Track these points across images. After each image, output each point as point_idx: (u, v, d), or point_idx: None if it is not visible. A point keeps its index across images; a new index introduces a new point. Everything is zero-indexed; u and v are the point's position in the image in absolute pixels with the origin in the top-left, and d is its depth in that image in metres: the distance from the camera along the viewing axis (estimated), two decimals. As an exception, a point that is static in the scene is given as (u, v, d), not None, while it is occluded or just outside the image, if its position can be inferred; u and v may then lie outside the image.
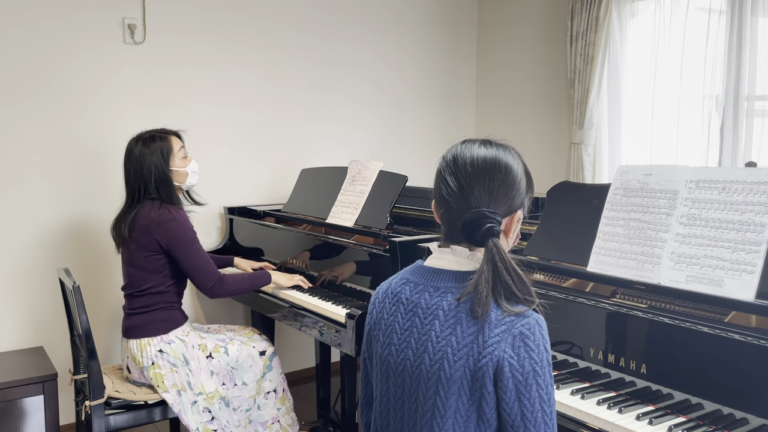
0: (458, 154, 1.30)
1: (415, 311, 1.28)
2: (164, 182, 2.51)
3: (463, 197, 1.26)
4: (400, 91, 4.20)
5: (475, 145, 1.31)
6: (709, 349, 1.57)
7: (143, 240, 2.45)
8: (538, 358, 1.18)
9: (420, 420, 1.25)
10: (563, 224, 2.11)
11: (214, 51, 3.47)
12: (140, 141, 2.53)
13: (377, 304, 1.38)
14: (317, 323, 2.55)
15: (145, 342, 2.46)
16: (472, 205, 1.26)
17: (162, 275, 2.50)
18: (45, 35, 3.01)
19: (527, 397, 1.17)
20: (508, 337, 1.17)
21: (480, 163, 1.27)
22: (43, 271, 3.07)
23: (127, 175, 2.54)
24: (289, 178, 3.71)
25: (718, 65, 3.15)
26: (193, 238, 2.50)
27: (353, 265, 2.68)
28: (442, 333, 1.23)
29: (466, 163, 1.28)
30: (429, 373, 1.23)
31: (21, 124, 2.99)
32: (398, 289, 1.34)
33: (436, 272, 1.30)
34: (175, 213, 2.47)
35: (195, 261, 2.49)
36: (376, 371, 1.36)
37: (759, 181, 1.66)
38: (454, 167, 1.28)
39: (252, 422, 2.59)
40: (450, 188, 1.27)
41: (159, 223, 2.44)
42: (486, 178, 1.26)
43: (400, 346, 1.29)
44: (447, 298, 1.25)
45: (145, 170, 2.49)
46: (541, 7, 4.07)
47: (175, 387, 2.44)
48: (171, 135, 2.58)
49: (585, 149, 3.67)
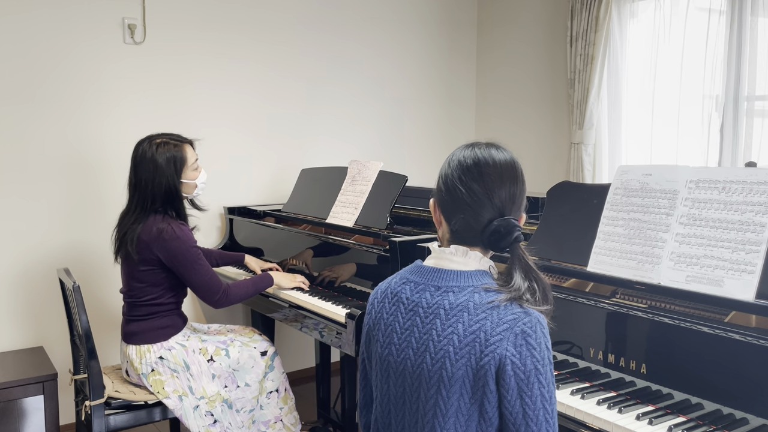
0: (480, 159, 1.29)
1: (415, 310, 1.29)
2: (174, 196, 2.44)
3: (489, 202, 1.26)
4: (400, 90, 4.20)
5: (492, 149, 1.31)
6: (709, 349, 1.57)
7: (144, 255, 2.41)
8: (539, 356, 1.18)
9: (421, 419, 1.25)
10: (563, 224, 2.11)
11: (213, 51, 3.47)
12: (154, 145, 2.42)
13: (376, 305, 1.37)
14: (318, 324, 2.55)
15: (144, 349, 2.45)
16: (497, 210, 1.27)
17: (162, 288, 2.47)
18: (45, 35, 3.01)
19: (529, 396, 1.17)
20: (510, 335, 1.18)
21: (502, 167, 1.28)
22: (43, 271, 3.07)
23: (137, 181, 2.43)
24: (289, 178, 3.71)
25: (718, 65, 3.15)
26: (197, 255, 2.44)
27: (353, 265, 2.68)
28: (443, 332, 1.23)
29: (490, 168, 1.27)
30: (431, 373, 1.23)
31: (21, 124, 2.99)
32: (398, 288, 1.34)
33: (437, 272, 1.30)
34: (178, 231, 2.40)
35: (199, 278, 2.45)
36: (376, 371, 1.36)
37: (759, 181, 1.66)
38: (477, 173, 1.27)
39: (255, 422, 2.59)
40: (474, 194, 1.26)
41: (161, 240, 2.38)
42: (509, 182, 1.28)
43: (401, 346, 1.29)
44: (448, 297, 1.25)
45: (157, 181, 2.40)
46: (541, 7, 4.07)
47: (177, 392, 2.44)
48: (186, 144, 2.50)
49: (585, 149, 3.67)
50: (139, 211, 2.44)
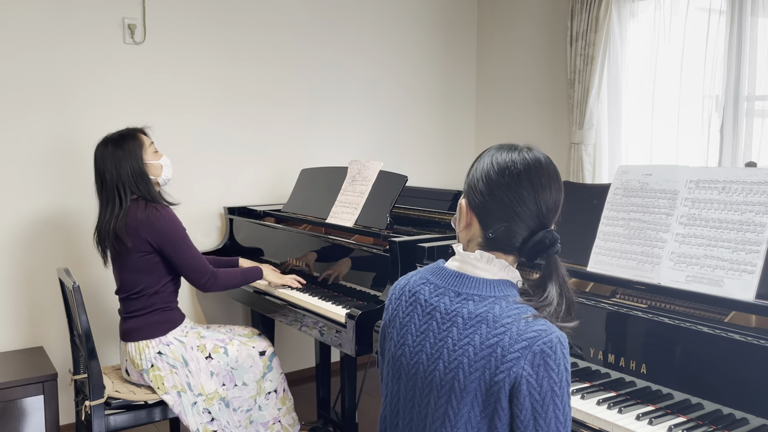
0: (530, 165, 1.22)
1: (432, 314, 1.25)
2: (142, 177, 2.46)
3: (537, 211, 1.22)
4: (401, 90, 4.19)
5: (538, 153, 1.25)
6: (709, 349, 1.57)
7: (133, 241, 2.42)
8: (557, 378, 1.13)
9: (429, 426, 1.22)
10: (563, 224, 2.10)
11: (213, 51, 3.47)
12: (110, 143, 2.48)
13: (393, 301, 1.33)
14: (317, 323, 2.55)
15: (143, 344, 2.46)
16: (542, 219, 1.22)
17: (155, 275, 2.49)
18: (45, 35, 3.01)
19: (543, 417, 1.12)
20: (528, 354, 1.13)
21: (550, 174, 1.24)
22: (43, 271, 3.07)
23: (102, 179, 2.47)
24: (289, 178, 3.71)
25: (718, 65, 3.15)
26: (183, 235, 2.49)
27: (353, 265, 2.68)
28: (459, 341, 1.19)
29: (542, 177, 1.22)
30: (442, 381, 1.19)
31: (21, 123, 2.99)
32: (417, 288, 1.30)
33: (459, 277, 1.25)
34: (163, 211, 2.46)
35: (187, 257, 2.49)
36: (388, 369, 1.33)
37: (759, 181, 1.66)
38: (527, 180, 1.21)
39: (253, 422, 2.59)
40: (523, 202, 1.21)
41: (148, 223, 2.42)
42: (556, 190, 1.25)
43: (415, 349, 1.25)
44: (468, 305, 1.21)
45: (123, 170, 2.43)
46: (540, 7, 4.07)
47: (175, 388, 2.44)
48: (138, 132, 2.54)
49: (585, 149, 3.67)
50: (115, 206, 2.43)
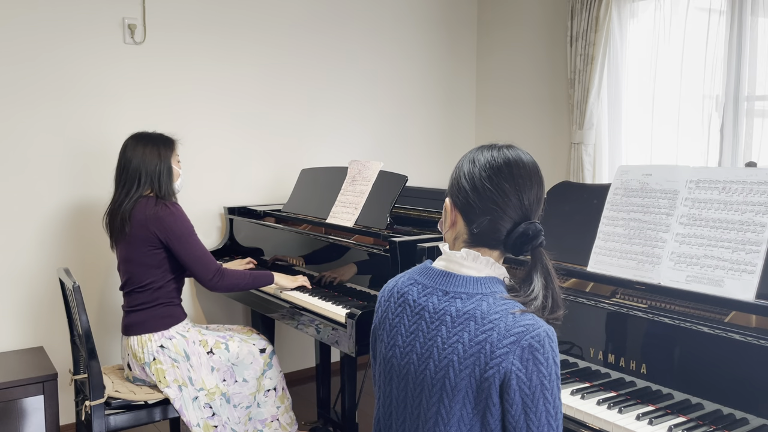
0: (510, 159, 1.25)
1: (421, 314, 1.26)
2: (168, 172, 2.55)
3: (519, 203, 1.24)
4: (401, 90, 4.20)
5: (518, 151, 1.28)
6: (709, 349, 1.57)
7: (141, 235, 2.46)
8: (546, 371, 1.14)
9: (422, 426, 1.23)
10: (563, 224, 2.11)
11: (213, 51, 3.47)
12: (146, 138, 2.57)
13: (383, 303, 1.35)
14: (317, 323, 2.55)
15: (146, 338, 2.47)
16: (525, 212, 1.24)
17: (161, 270, 2.51)
18: (45, 35, 3.01)
19: (534, 411, 1.14)
20: (516, 348, 1.14)
21: (530, 169, 1.26)
22: (43, 271, 3.07)
23: (126, 166, 2.53)
24: (289, 178, 3.71)
25: (718, 65, 3.15)
26: (191, 230, 2.52)
27: (353, 265, 2.68)
28: (448, 339, 1.20)
29: (521, 169, 1.25)
30: (433, 380, 1.20)
31: (21, 123, 2.99)
32: (405, 289, 1.31)
33: (446, 275, 1.27)
34: (172, 207, 2.50)
35: (194, 252, 2.50)
36: (379, 371, 1.34)
37: (759, 181, 1.66)
38: (509, 173, 1.24)
39: (252, 419, 2.60)
40: (504, 194, 1.23)
41: (156, 218, 2.46)
42: (537, 185, 1.26)
43: (405, 349, 1.26)
44: (455, 303, 1.22)
45: (150, 162, 2.51)
46: (541, 7, 4.07)
47: (177, 382, 2.45)
48: (173, 140, 2.64)
49: (585, 149, 3.67)
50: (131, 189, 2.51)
